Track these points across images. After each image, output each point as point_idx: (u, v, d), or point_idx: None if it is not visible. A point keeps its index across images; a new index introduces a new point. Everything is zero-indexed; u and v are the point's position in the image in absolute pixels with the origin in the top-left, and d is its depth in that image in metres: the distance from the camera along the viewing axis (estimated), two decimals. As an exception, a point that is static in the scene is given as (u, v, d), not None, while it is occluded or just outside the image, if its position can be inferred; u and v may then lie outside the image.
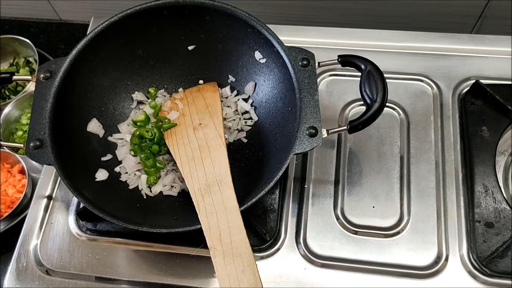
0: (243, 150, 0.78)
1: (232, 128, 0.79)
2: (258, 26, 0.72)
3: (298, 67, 0.69)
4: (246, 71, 0.80)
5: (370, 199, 0.76)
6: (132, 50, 0.78)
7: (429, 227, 0.73)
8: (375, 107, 0.65)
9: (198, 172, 0.69)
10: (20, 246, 0.77)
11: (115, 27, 0.73)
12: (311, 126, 0.65)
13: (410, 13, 0.97)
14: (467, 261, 0.70)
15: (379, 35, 0.90)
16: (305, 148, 0.64)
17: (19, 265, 0.75)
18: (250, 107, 0.80)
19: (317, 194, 0.77)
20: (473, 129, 0.78)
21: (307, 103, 0.67)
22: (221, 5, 0.73)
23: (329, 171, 0.79)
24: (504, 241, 0.69)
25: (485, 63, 0.85)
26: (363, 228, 0.74)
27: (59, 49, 1.20)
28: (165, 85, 0.83)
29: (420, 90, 0.84)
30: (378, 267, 0.71)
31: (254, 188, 0.67)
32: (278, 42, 0.71)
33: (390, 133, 0.81)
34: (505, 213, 0.71)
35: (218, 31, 0.77)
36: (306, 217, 0.75)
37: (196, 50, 0.81)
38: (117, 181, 0.75)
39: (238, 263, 0.58)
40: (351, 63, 0.70)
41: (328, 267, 0.71)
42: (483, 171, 0.74)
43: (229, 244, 0.59)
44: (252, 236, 0.72)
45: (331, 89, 0.86)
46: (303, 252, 0.73)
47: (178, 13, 0.75)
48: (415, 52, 0.87)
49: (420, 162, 0.78)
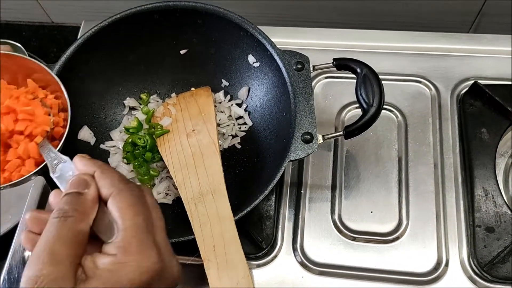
0: (238, 156, 0.76)
1: (226, 134, 0.78)
2: (251, 29, 0.71)
3: (293, 71, 0.68)
4: (239, 75, 0.78)
5: (368, 204, 0.74)
6: (123, 55, 0.77)
7: (429, 232, 0.71)
8: (371, 111, 0.64)
9: (192, 181, 0.68)
10: (11, 257, 0.75)
11: (105, 32, 0.72)
12: (306, 131, 0.64)
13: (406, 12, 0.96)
14: (467, 266, 0.69)
15: (375, 35, 0.88)
16: (300, 155, 0.63)
17: (11, 276, 0.74)
18: (244, 112, 0.78)
19: (314, 200, 0.75)
20: (472, 131, 0.76)
21: (302, 108, 0.66)
22: (213, 8, 0.72)
23: (326, 175, 0.77)
24: (505, 246, 0.68)
25: (483, 63, 0.84)
26: (361, 234, 0.72)
27: (51, 52, 1.18)
28: (157, 90, 0.82)
29: (418, 92, 0.83)
30: (377, 273, 0.69)
31: (249, 195, 0.66)
32: (272, 45, 0.69)
33: (387, 136, 0.80)
34: (506, 217, 0.70)
35: (210, 34, 0.76)
36: (303, 223, 0.74)
37: (188, 54, 0.79)
38: (110, 190, 0.74)
39: (232, 275, 0.57)
40: (347, 67, 0.69)
41: (326, 274, 0.70)
42: (483, 174, 0.73)
43: (223, 256, 0.58)
44: (248, 243, 0.71)
45: (326, 92, 0.84)
46: (300, 260, 0.71)
47: (169, 17, 0.74)
48: (412, 53, 0.86)
49: (418, 165, 0.76)
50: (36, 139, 0.55)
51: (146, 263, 0.39)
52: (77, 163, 0.45)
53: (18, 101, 0.57)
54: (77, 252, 0.38)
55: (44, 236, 0.38)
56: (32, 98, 0.59)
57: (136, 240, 0.39)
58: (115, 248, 0.39)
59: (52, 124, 0.58)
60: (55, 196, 0.44)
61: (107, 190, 0.41)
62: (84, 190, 0.41)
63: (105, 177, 0.42)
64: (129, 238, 0.39)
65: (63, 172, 0.47)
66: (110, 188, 0.41)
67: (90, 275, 0.37)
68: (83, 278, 0.37)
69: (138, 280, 0.38)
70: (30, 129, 0.56)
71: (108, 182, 0.42)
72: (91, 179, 0.42)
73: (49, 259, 0.37)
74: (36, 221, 0.42)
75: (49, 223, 0.39)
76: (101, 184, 0.42)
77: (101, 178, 0.42)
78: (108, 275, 0.37)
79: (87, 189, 0.41)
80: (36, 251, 0.37)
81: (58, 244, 0.38)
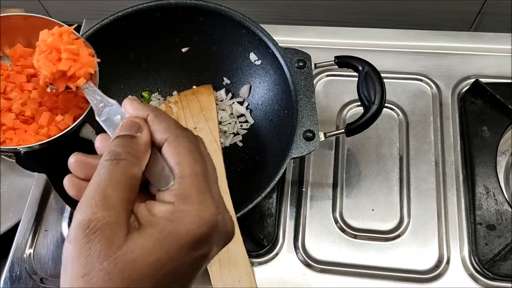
0: (239, 154, 0.77)
1: (227, 132, 0.78)
2: (252, 27, 0.71)
3: (294, 68, 0.68)
4: (241, 73, 0.78)
5: (369, 202, 0.75)
6: (125, 53, 0.77)
7: (430, 229, 0.72)
8: (373, 109, 0.64)
9: (193, 178, 0.68)
10: (13, 255, 0.75)
11: (106, 30, 0.72)
12: (308, 129, 0.64)
13: (407, 11, 0.96)
14: (468, 264, 0.69)
15: (376, 34, 0.88)
16: (302, 152, 0.63)
17: (13, 274, 0.74)
18: (246, 110, 0.78)
19: (315, 198, 0.75)
20: (473, 129, 0.77)
21: (304, 106, 0.66)
22: (214, 6, 0.72)
23: (327, 173, 0.77)
24: (506, 243, 0.68)
25: (485, 61, 0.84)
26: (362, 231, 0.72)
27: (52, 51, 1.18)
28: (159, 88, 0.82)
29: (419, 90, 0.83)
30: (378, 271, 0.69)
31: (250, 193, 0.66)
32: (273, 43, 0.70)
33: (389, 134, 0.80)
34: (507, 215, 0.70)
35: (212, 32, 0.76)
36: (304, 221, 0.74)
37: (190, 52, 0.79)
38: (112, 188, 0.74)
39: (234, 272, 0.57)
40: (348, 64, 0.69)
41: (327, 272, 0.70)
42: (484, 172, 0.73)
43: (225, 253, 0.58)
44: (249, 241, 0.71)
45: (328, 89, 0.84)
46: (301, 257, 0.71)
47: (171, 15, 0.74)
48: (414, 51, 0.86)
49: (419, 163, 0.76)
50: (79, 81, 0.52)
51: (206, 214, 0.36)
52: (126, 106, 0.41)
53: (61, 40, 0.52)
54: (130, 198, 0.36)
55: (95, 179, 0.36)
56: (75, 38, 0.54)
57: (196, 188, 0.36)
58: (173, 196, 0.36)
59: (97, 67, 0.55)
60: (101, 140, 0.40)
61: (161, 135, 0.38)
62: (136, 133, 0.38)
63: (159, 122, 0.39)
64: (189, 186, 0.36)
65: (110, 115, 0.44)
66: (166, 133, 0.38)
67: (145, 223, 0.35)
68: (136, 226, 0.35)
69: (196, 232, 0.35)
70: (74, 70, 0.52)
71: (163, 127, 0.38)
72: (144, 122, 0.39)
73: (102, 203, 0.34)
74: (82, 164, 0.39)
75: (100, 166, 0.36)
76: (154, 129, 0.38)
77: (155, 122, 0.39)
78: (165, 224, 0.35)
79: (140, 133, 0.38)
80: (87, 195, 0.35)
81: (111, 187, 0.35)
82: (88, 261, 0.33)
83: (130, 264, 0.33)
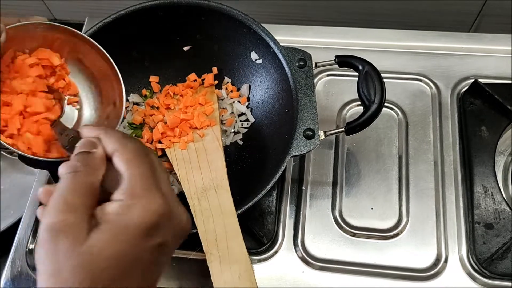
0: (240, 152, 0.77)
1: (228, 131, 0.78)
2: (253, 26, 0.71)
3: (295, 68, 0.68)
4: (242, 72, 0.79)
5: (369, 201, 0.75)
6: (127, 52, 0.77)
7: (428, 228, 0.72)
8: (372, 108, 0.65)
9: (195, 176, 0.68)
10: (15, 251, 0.76)
11: (109, 28, 0.72)
12: (308, 128, 0.65)
13: (407, 11, 0.96)
14: (466, 262, 0.69)
15: (376, 34, 0.89)
16: (302, 151, 0.63)
17: (14, 269, 0.74)
18: (246, 108, 0.79)
19: (315, 196, 0.76)
20: (472, 129, 0.77)
21: (304, 105, 0.66)
22: (216, 5, 0.72)
23: (327, 172, 0.78)
24: (504, 242, 0.69)
25: (484, 62, 0.84)
26: (361, 230, 0.73)
27: (54, 49, 1.19)
28: (160, 86, 0.82)
29: (419, 90, 0.83)
30: (376, 269, 0.70)
31: (251, 191, 0.66)
32: (274, 42, 0.70)
33: (388, 134, 0.80)
34: (505, 214, 0.71)
35: (213, 31, 0.76)
36: (304, 219, 0.74)
37: (191, 51, 0.80)
38: (113, 184, 0.74)
39: (234, 269, 0.57)
40: (349, 64, 0.69)
41: (326, 269, 0.71)
42: (483, 172, 0.74)
43: (225, 249, 0.59)
44: (249, 239, 0.71)
45: (328, 89, 0.85)
46: (301, 255, 0.72)
47: (173, 13, 0.74)
48: (413, 51, 0.86)
49: (419, 163, 0.77)
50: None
51: (153, 205, 0.41)
52: (83, 130, 0.48)
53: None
54: (89, 203, 0.41)
55: (58, 188, 0.41)
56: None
57: (141, 183, 0.41)
58: (122, 194, 0.41)
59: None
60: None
61: (112, 146, 0.44)
62: (92, 149, 0.44)
63: (109, 136, 0.45)
64: (136, 183, 0.41)
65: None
66: (115, 144, 0.44)
67: (101, 221, 0.40)
68: (95, 225, 0.40)
69: (145, 222, 0.40)
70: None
71: (112, 140, 0.44)
72: (98, 140, 0.45)
73: (63, 208, 0.40)
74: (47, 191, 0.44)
75: (61, 178, 0.42)
76: (106, 143, 0.44)
77: (106, 138, 0.45)
78: (116, 218, 0.40)
79: (95, 149, 0.44)
80: (51, 203, 0.40)
81: (71, 194, 0.40)
82: (57, 259, 0.38)
83: (95, 257, 0.38)
